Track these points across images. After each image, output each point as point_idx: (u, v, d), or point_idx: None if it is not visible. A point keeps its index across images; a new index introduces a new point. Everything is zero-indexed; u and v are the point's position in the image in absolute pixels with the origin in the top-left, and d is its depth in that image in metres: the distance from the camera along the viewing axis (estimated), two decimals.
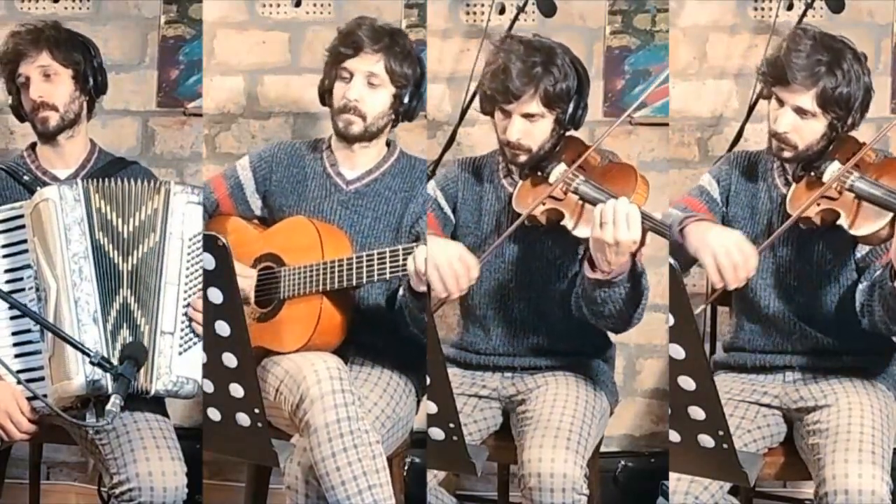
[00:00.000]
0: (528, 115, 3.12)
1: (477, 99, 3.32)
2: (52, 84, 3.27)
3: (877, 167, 3.01)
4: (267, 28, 4.00)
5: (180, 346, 3.02)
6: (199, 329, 3.01)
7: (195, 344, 3.02)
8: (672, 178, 3.86)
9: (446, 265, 3.03)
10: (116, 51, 3.94)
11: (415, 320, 3.10)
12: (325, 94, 3.33)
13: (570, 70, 3.13)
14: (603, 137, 3.15)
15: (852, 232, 2.96)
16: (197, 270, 3.03)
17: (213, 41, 4.00)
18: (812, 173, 3.05)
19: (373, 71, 3.24)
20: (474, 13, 3.96)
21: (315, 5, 3.98)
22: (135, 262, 3.04)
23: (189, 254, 3.05)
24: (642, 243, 2.93)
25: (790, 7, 3.84)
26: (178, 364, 3.01)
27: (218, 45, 4.00)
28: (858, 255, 3.07)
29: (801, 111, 3.02)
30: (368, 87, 3.25)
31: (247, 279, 3.24)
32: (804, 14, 3.70)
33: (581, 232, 3.04)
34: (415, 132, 3.88)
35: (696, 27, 3.91)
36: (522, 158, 3.17)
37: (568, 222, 3.05)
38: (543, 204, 3.06)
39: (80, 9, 3.94)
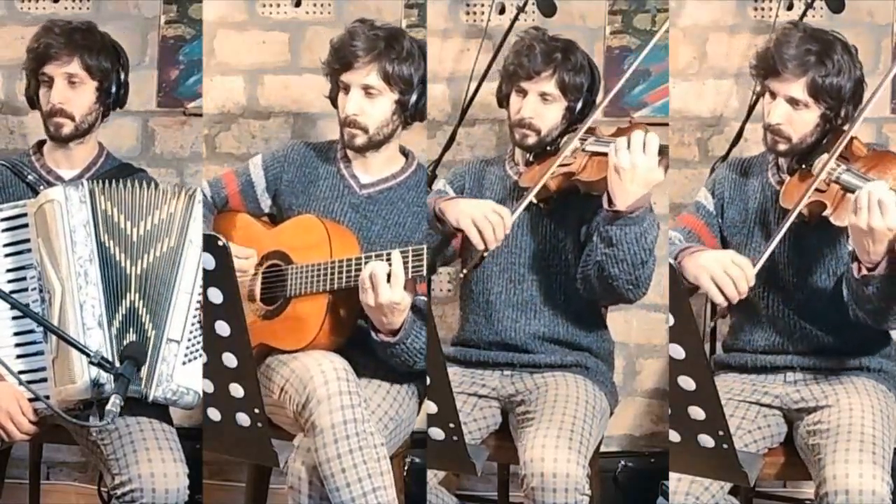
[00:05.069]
0: (543, 95, 3.23)
1: (480, 93, 3.37)
2: (74, 92, 3.25)
3: (866, 160, 3.01)
4: (267, 28, 4.00)
5: (185, 355, 3.00)
6: None
7: (201, 356, 3.00)
8: (672, 178, 3.86)
9: (482, 217, 3.12)
10: None
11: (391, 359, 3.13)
12: (334, 101, 3.32)
13: (585, 66, 3.27)
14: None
15: (834, 221, 2.96)
16: None
17: (213, 41, 4.00)
18: (804, 166, 3.07)
19: (367, 83, 3.21)
20: (474, 13, 3.96)
21: (315, 5, 3.98)
22: (144, 266, 3.03)
23: None
24: None
25: (790, 7, 3.84)
26: (180, 373, 2.99)
27: (218, 45, 4.00)
28: (850, 247, 3.07)
29: (793, 101, 3.06)
30: (367, 97, 3.22)
31: (247, 260, 3.24)
32: (804, 14, 3.71)
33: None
34: (415, 132, 3.88)
35: (696, 27, 3.91)
36: (531, 140, 3.25)
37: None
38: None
39: (80, 9, 3.94)
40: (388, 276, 3.00)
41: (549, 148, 3.25)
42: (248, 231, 3.31)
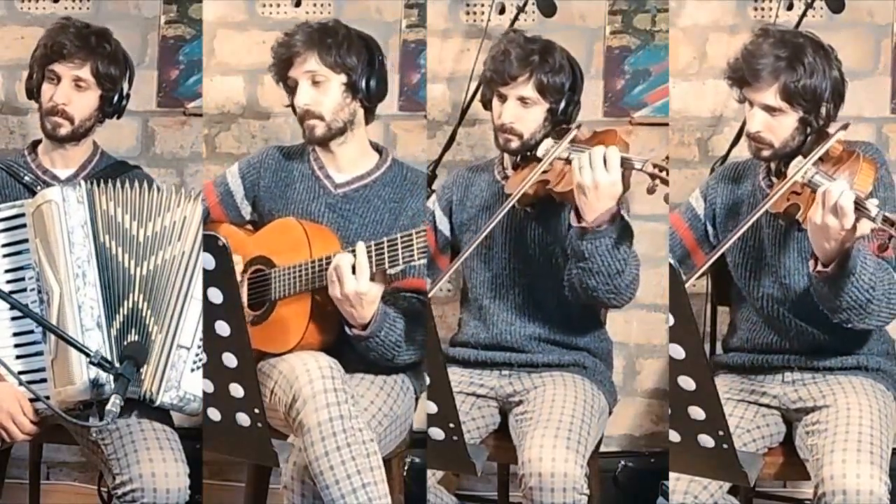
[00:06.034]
0: (522, 99, 3.22)
1: (478, 95, 3.36)
2: (78, 95, 3.24)
3: (835, 161, 3.00)
4: (267, 28, 4.00)
5: (194, 362, 3.00)
6: None
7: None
8: (672, 178, 3.85)
9: None
10: None
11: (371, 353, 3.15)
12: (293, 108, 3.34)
13: (565, 65, 3.24)
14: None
15: (803, 225, 2.96)
16: None
17: (213, 41, 4.00)
18: (782, 169, 3.07)
19: (309, 69, 3.23)
20: (474, 13, 3.96)
21: (315, 5, 3.98)
22: (151, 267, 3.03)
23: None
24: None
25: (790, 7, 3.84)
26: (188, 380, 2.99)
27: (218, 45, 4.01)
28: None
29: (768, 108, 3.05)
30: (314, 87, 3.24)
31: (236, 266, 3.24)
32: (804, 14, 3.70)
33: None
34: (415, 132, 3.89)
35: (696, 27, 3.91)
36: (514, 145, 3.25)
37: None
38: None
39: (80, 9, 3.94)
40: (354, 267, 3.02)
41: (528, 153, 3.24)
42: (231, 240, 3.27)
